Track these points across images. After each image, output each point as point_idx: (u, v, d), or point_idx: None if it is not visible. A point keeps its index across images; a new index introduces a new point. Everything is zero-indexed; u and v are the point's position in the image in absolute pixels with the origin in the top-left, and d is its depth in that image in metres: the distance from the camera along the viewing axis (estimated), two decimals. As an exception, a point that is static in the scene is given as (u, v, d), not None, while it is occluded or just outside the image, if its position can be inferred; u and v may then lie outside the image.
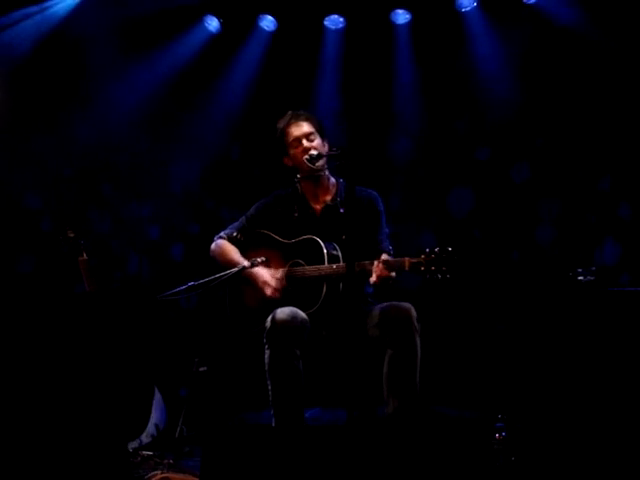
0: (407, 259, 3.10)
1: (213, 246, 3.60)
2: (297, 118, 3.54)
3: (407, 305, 3.22)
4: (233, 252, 3.52)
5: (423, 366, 3.22)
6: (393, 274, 3.16)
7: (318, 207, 3.57)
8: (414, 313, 3.20)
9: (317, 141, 3.50)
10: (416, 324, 3.18)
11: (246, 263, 3.28)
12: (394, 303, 3.26)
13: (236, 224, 3.64)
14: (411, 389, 3.15)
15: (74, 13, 4.80)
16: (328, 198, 3.57)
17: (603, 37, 4.61)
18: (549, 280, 4.51)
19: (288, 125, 3.54)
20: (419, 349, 3.18)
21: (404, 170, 5.17)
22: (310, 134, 3.50)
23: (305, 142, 3.48)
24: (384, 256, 3.21)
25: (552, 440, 3.32)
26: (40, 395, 3.05)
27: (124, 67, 5.02)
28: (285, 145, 3.55)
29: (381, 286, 3.19)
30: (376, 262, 3.14)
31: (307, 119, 3.54)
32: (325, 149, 3.50)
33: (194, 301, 5.11)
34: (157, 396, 4.09)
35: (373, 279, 3.14)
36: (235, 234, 3.55)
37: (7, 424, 2.94)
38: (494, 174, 4.99)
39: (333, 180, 3.61)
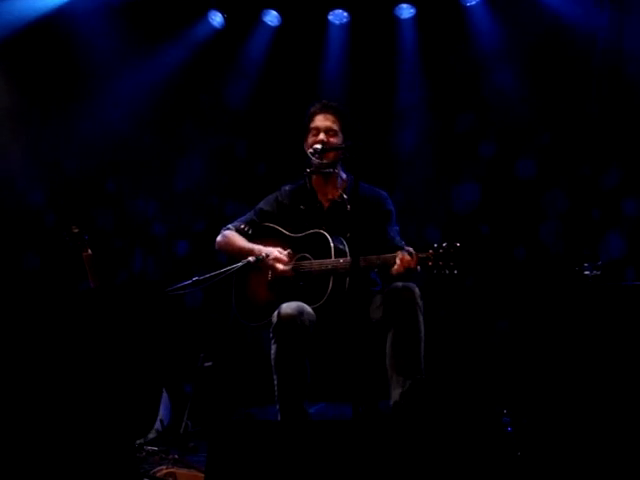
0: (415, 254, 3.09)
1: (219, 237, 3.57)
2: (327, 109, 3.51)
3: (410, 284, 3.21)
4: (241, 240, 3.50)
5: (428, 360, 3.21)
6: (418, 267, 3.11)
7: (326, 201, 3.56)
8: (417, 291, 3.18)
9: (337, 139, 3.46)
10: (419, 301, 3.17)
11: (251, 258, 3.27)
12: (397, 283, 3.22)
13: (244, 217, 3.63)
14: (416, 366, 3.13)
15: (79, 6, 4.79)
16: (337, 193, 3.55)
17: (609, 32, 4.60)
18: (555, 275, 4.50)
19: (317, 112, 3.51)
20: (422, 326, 3.17)
21: (409, 165, 5.16)
22: (331, 130, 3.46)
23: (322, 135, 3.45)
24: (410, 248, 3.12)
25: (558, 435, 3.31)
26: (45, 391, 3.05)
27: (128, 62, 5.01)
28: (307, 128, 3.53)
29: (404, 277, 3.14)
30: (400, 253, 3.09)
31: (336, 113, 3.50)
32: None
33: (199, 296, 5.10)
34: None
35: (395, 268, 3.09)
36: (243, 226, 3.54)
37: (15, 421, 2.94)
38: (499, 170, 4.98)
39: (344, 176, 3.59)
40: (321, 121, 3.48)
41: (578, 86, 4.76)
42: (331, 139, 3.44)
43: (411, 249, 3.11)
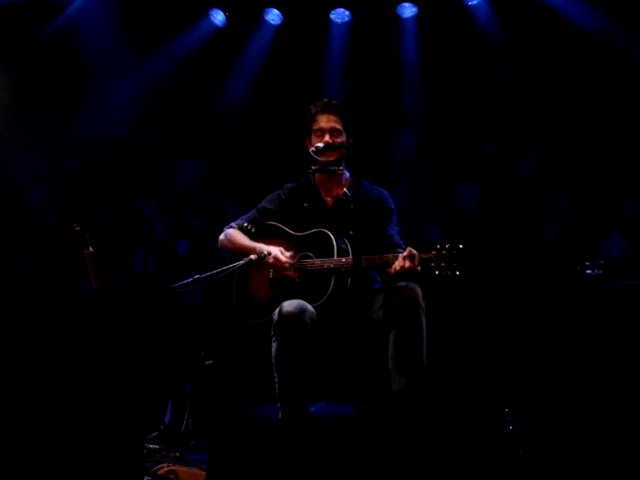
0: (417, 255, 3.08)
1: (222, 236, 3.56)
2: (330, 110, 3.47)
3: (412, 284, 3.17)
4: (244, 238, 3.48)
5: (430, 361, 3.20)
6: (419, 268, 3.08)
7: (329, 199, 3.55)
8: (420, 291, 3.15)
9: (340, 138, 3.44)
10: (422, 302, 3.13)
11: (253, 256, 3.27)
12: (399, 283, 3.19)
13: (247, 215, 3.62)
14: (418, 366, 3.11)
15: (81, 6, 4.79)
16: (341, 192, 3.54)
17: (609, 30, 4.59)
18: (557, 274, 4.49)
19: (320, 113, 3.48)
20: (425, 327, 3.13)
21: (410, 164, 5.15)
22: (336, 130, 3.44)
23: (327, 137, 3.42)
24: (412, 250, 3.08)
25: (559, 434, 3.31)
26: (53, 389, 3.04)
27: (130, 61, 5.01)
28: (310, 129, 3.51)
29: (404, 277, 3.12)
30: (400, 256, 3.08)
31: (338, 113, 3.47)
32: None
33: (199, 295, 5.10)
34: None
35: (396, 268, 3.07)
36: (246, 225, 3.52)
37: (20, 425, 2.94)
38: (501, 168, 4.97)
39: (348, 175, 3.58)
40: (325, 122, 3.45)
41: (579, 84, 4.75)
42: (336, 139, 3.42)
43: (414, 251, 3.09)
